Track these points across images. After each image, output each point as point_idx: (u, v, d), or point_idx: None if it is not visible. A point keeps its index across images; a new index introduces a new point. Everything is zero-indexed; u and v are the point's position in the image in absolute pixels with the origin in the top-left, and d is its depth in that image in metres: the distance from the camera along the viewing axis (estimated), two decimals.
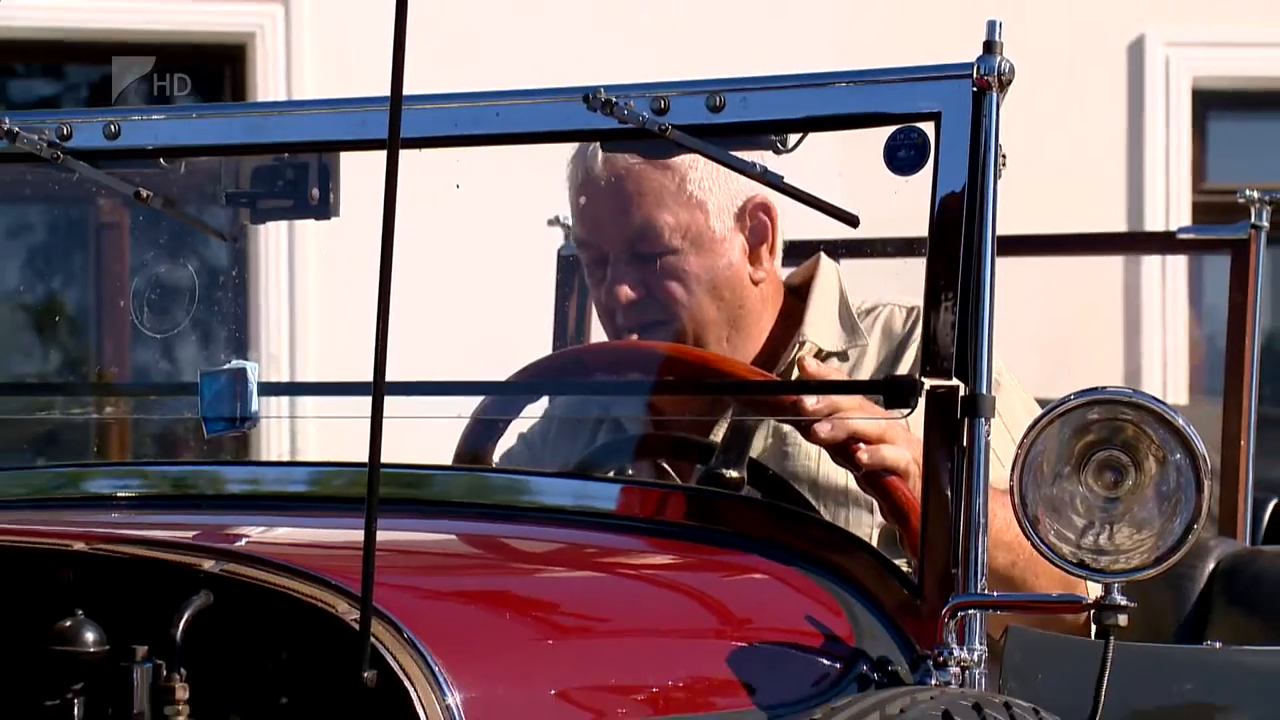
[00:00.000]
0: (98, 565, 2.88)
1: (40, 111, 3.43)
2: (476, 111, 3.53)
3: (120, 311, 5.79)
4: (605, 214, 3.97)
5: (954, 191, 3.28)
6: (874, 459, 3.49)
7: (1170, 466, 3.06)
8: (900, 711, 2.71)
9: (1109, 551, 3.08)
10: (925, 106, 3.33)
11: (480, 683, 2.73)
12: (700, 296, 3.94)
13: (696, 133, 3.47)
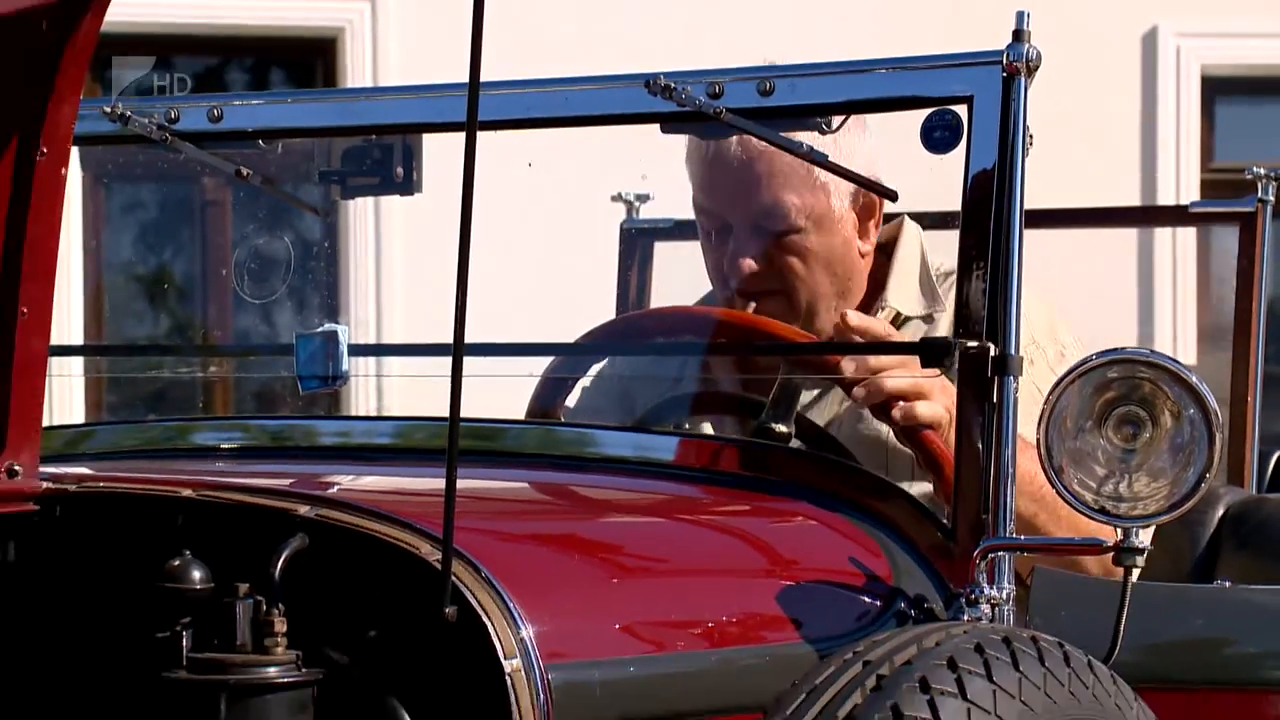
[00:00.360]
0: (204, 510, 2.86)
1: (150, 98, 3.41)
2: (547, 96, 3.52)
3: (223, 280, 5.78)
4: (735, 190, 3.93)
5: (985, 169, 3.26)
6: (908, 415, 3.47)
7: (1184, 421, 3.04)
8: (936, 645, 2.69)
9: (1127, 499, 3.05)
10: (959, 90, 3.31)
11: (551, 617, 2.71)
12: (817, 271, 3.93)
13: (748, 115, 3.46)
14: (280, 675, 2.61)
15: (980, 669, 2.65)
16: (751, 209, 3.92)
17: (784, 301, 3.92)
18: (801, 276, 3.92)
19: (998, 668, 2.67)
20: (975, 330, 3.23)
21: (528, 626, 2.65)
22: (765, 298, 3.93)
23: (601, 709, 2.73)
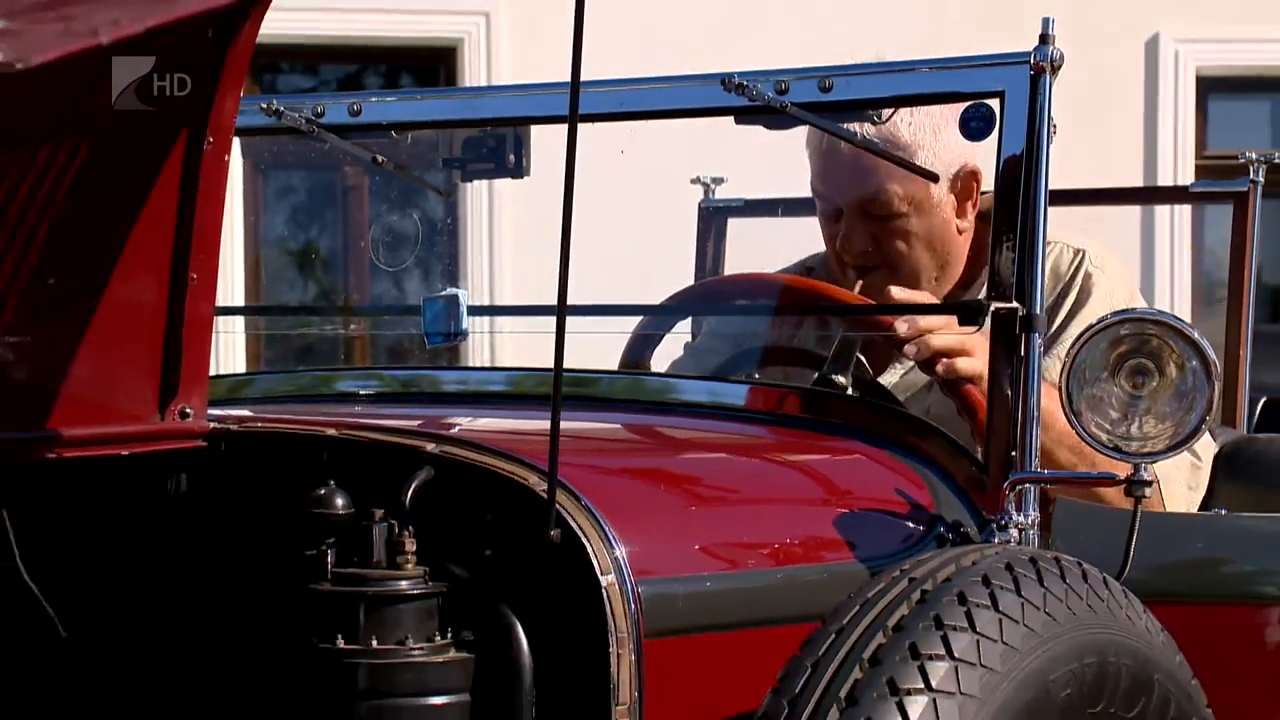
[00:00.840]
0: (345, 447, 2.89)
1: (299, 95, 3.44)
2: (638, 93, 3.53)
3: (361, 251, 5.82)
4: (846, 178, 3.93)
5: (1014, 154, 3.26)
6: (950, 369, 3.47)
7: (1187, 371, 3.05)
8: (972, 564, 2.69)
9: (1137, 438, 3.06)
10: (992, 86, 3.31)
11: (640, 539, 2.73)
12: (918, 250, 3.92)
13: (810, 109, 3.47)
14: (410, 588, 2.64)
15: (1010, 585, 2.66)
16: (859, 196, 3.91)
17: (889, 276, 3.90)
18: (904, 255, 3.92)
19: (1025, 584, 2.68)
20: (1005, 293, 3.23)
21: (620, 547, 2.69)
22: (871, 273, 3.93)
23: (682, 618, 2.75)
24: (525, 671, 2.67)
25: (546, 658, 2.68)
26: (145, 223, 2.69)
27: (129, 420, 2.77)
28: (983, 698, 2.56)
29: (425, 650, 2.64)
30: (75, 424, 2.72)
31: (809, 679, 2.56)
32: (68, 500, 2.88)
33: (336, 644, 2.61)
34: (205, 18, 2.48)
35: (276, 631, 2.71)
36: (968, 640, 2.58)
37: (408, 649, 2.63)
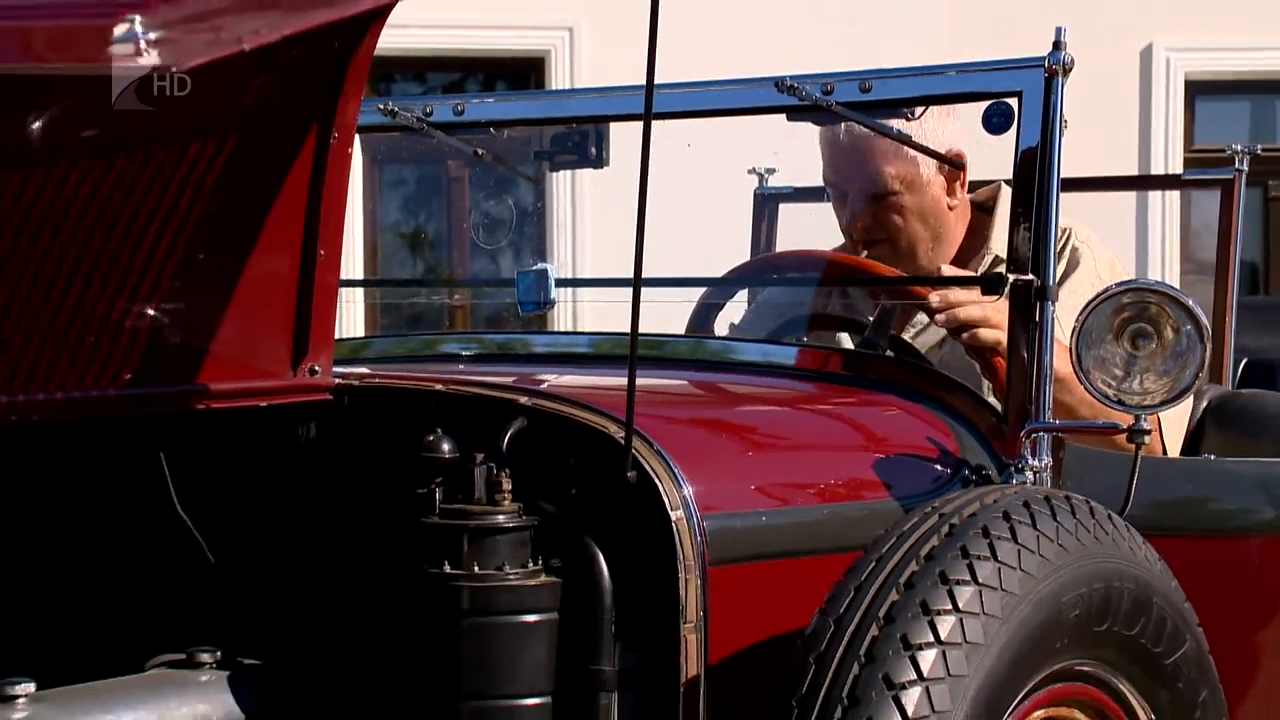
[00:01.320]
0: (451, 400, 2.90)
1: (410, 98, 3.45)
2: (702, 94, 3.53)
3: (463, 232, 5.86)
4: (848, 165, 3.94)
5: (1030, 147, 3.24)
6: (974, 338, 3.47)
7: (1182, 334, 3.03)
8: (994, 501, 2.69)
9: (1138, 393, 3.04)
10: (1011, 87, 3.29)
11: (704, 479, 2.73)
12: (913, 224, 3.92)
13: (852, 107, 3.46)
14: (506, 521, 2.65)
15: (1026, 519, 2.66)
16: (860, 179, 3.92)
17: (889, 247, 3.92)
18: (900, 228, 3.91)
19: (1040, 518, 2.68)
20: (1023, 267, 3.21)
21: (688, 487, 2.69)
22: (875, 245, 3.94)
23: (741, 548, 2.76)
24: (605, 594, 2.67)
25: (623, 583, 2.68)
26: (280, 206, 2.71)
27: (266, 377, 2.79)
28: (1003, 618, 2.56)
29: (519, 575, 2.65)
30: (221, 380, 2.74)
31: (851, 601, 2.56)
32: (214, 445, 2.89)
33: (444, 570, 2.63)
34: (332, 29, 2.49)
35: (391, 560, 2.71)
36: (990, 568, 2.58)
37: (504, 574, 2.63)
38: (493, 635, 2.63)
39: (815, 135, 3.94)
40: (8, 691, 2.42)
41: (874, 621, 2.52)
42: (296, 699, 2.71)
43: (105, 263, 2.52)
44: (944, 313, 3.50)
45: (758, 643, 2.73)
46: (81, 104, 2.33)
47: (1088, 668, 2.80)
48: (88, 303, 2.54)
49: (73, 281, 2.50)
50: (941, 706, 2.47)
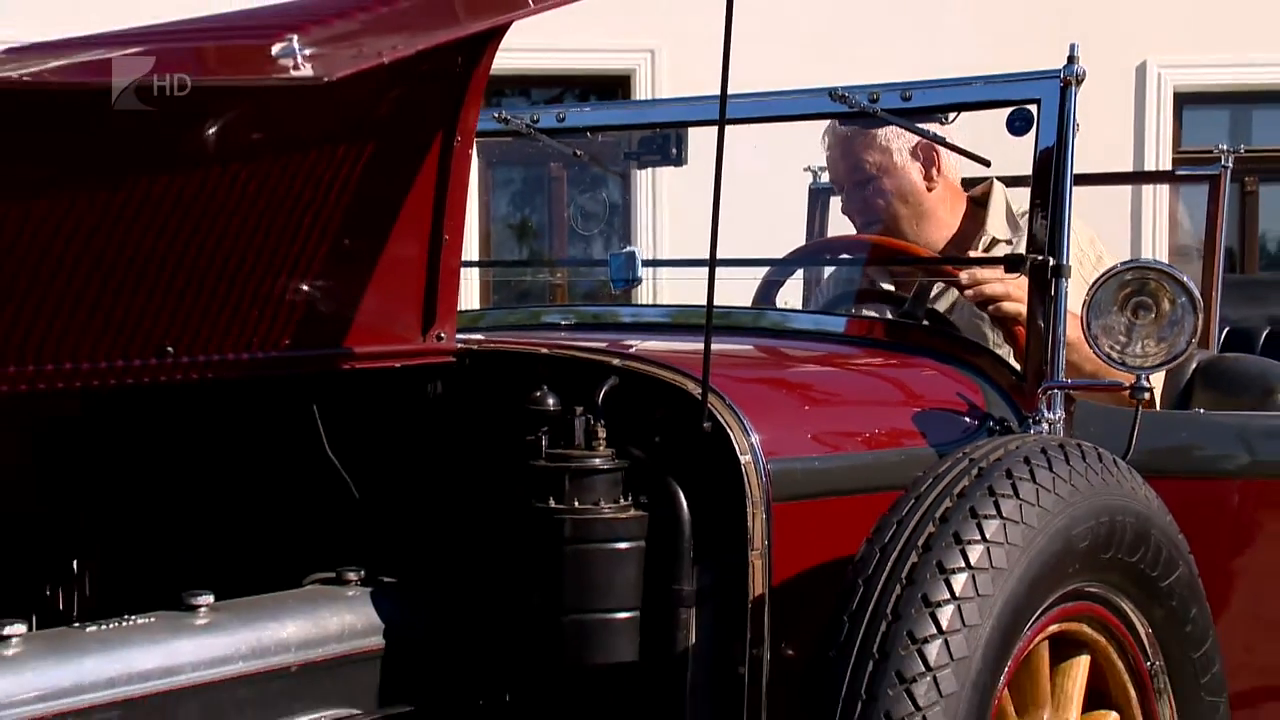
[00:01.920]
0: (554, 362, 2.89)
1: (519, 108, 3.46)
2: (766, 103, 3.50)
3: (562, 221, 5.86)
4: (839, 162, 3.96)
5: (1048, 147, 3.21)
6: (998, 309, 3.47)
7: (1177, 306, 3.00)
8: (1015, 448, 2.67)
9: (1139, 355, 3.02)
10: (1031, 95, 3.25)
11: (768, 429, 2.72)
12: (895, 204, 3.92)
13: (895, 113, 3.43)
14: (602, 464, 2.65)
15: (1043, 463, 2.64)
16: (849, 169, 3.93)
17: (880, 227, 3.92)
18: (884, 208, 3.92)
19: (1055, 462, 2.66)
20: (1040, 249, 3.19)
21: (754, 435, 2.68)
22: (869, 227, 3.95)
23: (799, 487, 2.74)
24: (685, 526, 2.66)
25: (699, 516, 2.67)
26: (412, 199, 2.72)
27: (400, 342, 2.80)
28: (1023, 546, 2.55)
29: (612, 509, 2.64)
30: (363, 345, 2.76)
31: (894, 532, 2.55)
32: (358, 400, 2.90)
33: (549, 505, 2.63)
34: (456, 46, 2.50)
35: (504, 496, 2.71)
36: (1012, 504, 2.57)
37: (600, 509, 2.63)
38: (590, 560, 2.63)
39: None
40: (191, 601, 2.47)
41: (913, 550, 2.51)
42: (426, 611, 2.72)
43: (269, 247, 2.54)
44: (973, 289, 3.49)
45: (813, 567, 2.72)
46: (248, 111, 2.34)
47: (1095, 589, 2.78)
48: (254, 281, 2.55)
49: (243, 263, 2.51)
50: (971, 621, 2.46)
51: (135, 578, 2.63)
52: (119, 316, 2.41)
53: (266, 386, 2.80)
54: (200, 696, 2.40)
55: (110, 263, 2.34)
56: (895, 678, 2.42)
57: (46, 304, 2.31)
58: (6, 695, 2.19)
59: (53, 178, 2.22)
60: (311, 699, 2.54)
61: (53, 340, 2.35)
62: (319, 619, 2.58)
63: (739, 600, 2.65)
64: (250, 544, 2.79)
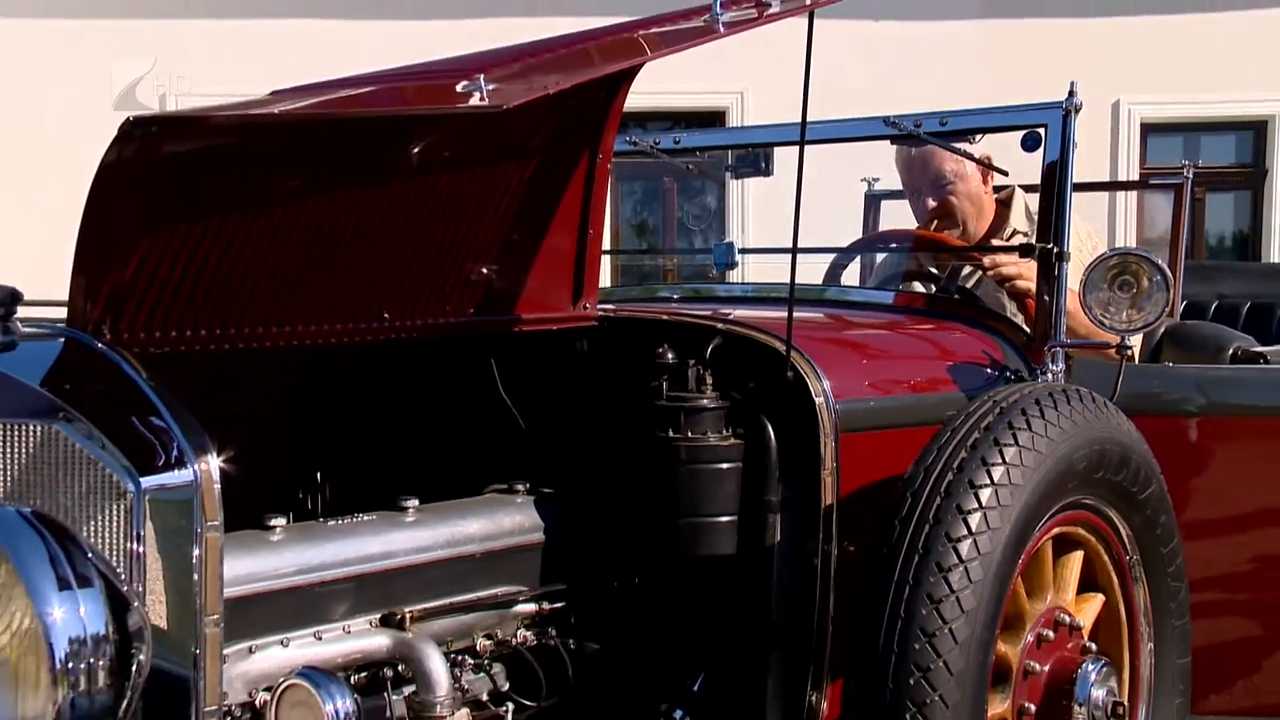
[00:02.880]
0: (671, 326, 2.86)
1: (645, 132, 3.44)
2: (834, 127, 3.44)
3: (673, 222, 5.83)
4: (922, 170, 3.84)
5: (1053, 161, 3.14)
6: (1014, 287, 3.41)
7: (1154, 283, 2.94)
8: (1028, 392, 2.63)
9: (1124, 321, 2.96)
10: (1040, 120, 3.18)
11: (836, 378, 2.68)
12: (964, 203, 3.81)
13: (934, 135, 3.37)
14: (709, 404, 2.63)
15: (1050, 404, 2.60)
16: (930, 177, 3.82)
17: (950, 220, 3.82)
18: (955, 205, 3.81)
19: (1059, 403, 2.62)
20: (1046, 239, 3.13)
21: (825, 382, 2.65)
22: (941, 219, 3.84)
23: (860, 422, 2.70)
24: (772, 452, 2.64)
25: (783, 444, 2.65)
26: (565, 202, 2.72)
27: (556, 310, 2.80)
28: (1034, 468, 2.52)
29: (717, 439, 2.62)
30: (528, 311, 2.76)
31: (935, 457, 2.51)
32: (525, 353, 2.89)
33: (668, 435, 2.61)
34: (599, 83, 2.49)
35: (634, 428, 2.69)
36: (1027, 435, 2.53)
37: (707, 438, 2.61)
38: (699, 477, 2.61)
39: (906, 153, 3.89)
40: (402, 504, 2.50)
41: (950, 470, 2.48)
42: (575, 515, 2.72)
43: (458, 238, 2.55)
44: (993, 270, 3.45)
45: (870, 484, 2.69)
46: (447, 133, 2.35)
47: (1089, 501, 2.74)
48: (447, 263, 2.57)
49: (440, 250, 2.53)
50: (994, 525, 2.44)
51: (362, 486, 2.64)
52: (350, 291, 2.43)
53: (457, 345, 2.81)
54: (409, 574, 2.42)
55: (348, 251, 2.37)
56: (935, 568, 2.40)
57: (309, 282, 2.34)
58: (272, 568, 2.23)
59: (315, 186, 2.25)
60: (490, 579, 2.55)
61: (310, 308, 2.37)
62: (495, 519, 2.59)
63: (813, 508, 2.63)
64: (445, 463, 2.80)
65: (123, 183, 1.94)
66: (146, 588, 1.91)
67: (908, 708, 2.36)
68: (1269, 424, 3.33)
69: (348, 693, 1.70)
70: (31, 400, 1.95)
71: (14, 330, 1.99)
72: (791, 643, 2.65)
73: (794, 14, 2.54)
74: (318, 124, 2.16)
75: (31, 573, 1.70)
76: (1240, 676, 3.27)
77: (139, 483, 1.89)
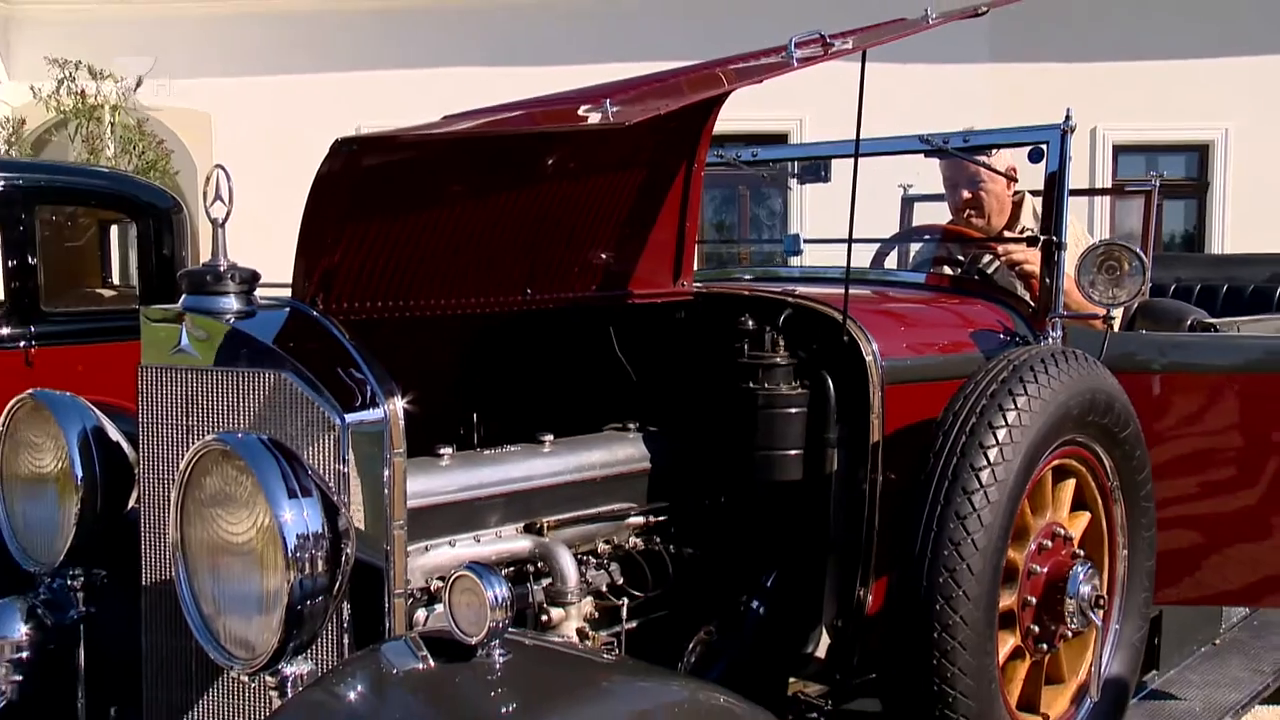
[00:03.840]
0: (750, 300, 2.79)
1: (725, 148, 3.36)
2: (877, 142, 3.33)
3: (745, 220, 5.76)
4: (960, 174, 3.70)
5: (1053, 171, 3.03)
6: (1023, 270, 3.30)
7: (1132, 268, 2.86)
8: (1034, 353, 2.56)
9: (1109, 297, 2.88)
10: (1043, 138, 3.07)
11: (881, 340, 2.62)
12: (990, 200, 3.68)
13: (960, 150, 3.29)
14: (781, 361, 2.58)
15: (1052, 362, 2.53)
16: (968, 177, 3.68)
17: (979, 213, 3.70)
18: (985, 201, 3.69)
19: (1059, 361, 2.55)
20: (1048, 232, 3.03)
21: (873, 344, 2.59)
22: (973, 213, 3.72)
23: (901, 376, 2.64)
24: (830, 399, 2.59)
25: (840, 394, 2.60)
26: (668, 200, 2.68)
27: (660, 286, 2.75)
28: (1039, 412, 2.47)
29: (787, 389, 2.58)
30: (639, 288, 2.72)
31: (961, 403, 2.45)
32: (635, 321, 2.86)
33: (749, 386, 2.58)
34: (696, 106, 2.44)
35: (722, 380, 2.65)
36: (1034, 387, 2.47)
37: (780, 389, 2.57)
38: (773, 418, 2.57)
39: (938, 166, 3.76)
40: (540, 438, 2.47)
41: (973, 414, 2.42)
42: (675, 448, 2.68)
43: (584, 228, 2.52)
44: (1006, 257, 3.35)
45: (908, 425, 2.62)
46: (575, 147, 2.33)
47: (1080, 439, 2.66)
48: (575, 249, 2.54)
49: (569, 238, 2.50)
50: (1008, 457, 2.39)
51: (510, 424, 2.64)
52: (502, 272, 2.42)
53: (583, 314, 2.78)
54: (546, 493, 2.40)
55: (500, 240, 2.35)
56: (961, 491, 2.35)
57: (470, 265, 2.32)
58: (442, 486, 2.23)
59: (476, 190, 2.24)
60: (608, 497, 2.52)
61: (471, 285, 2.36)
62: (613, 450, 2.56)
63: (863, 444, 2.58)
64: (573, 406, 2.78)
65: (332, 188, 1.96)
66: (350, 499, 1.93)
67: (938, 599, 2.32)
68: (1216, 380, 3.24)
69: (504, 582, 1.69)
70: (266, 355, 1.97)
71: (254, 302, 2.04)
72: (845, 549, 2.61)
73: (852, 52, 2.47)
74: (479, 140, 2.15)
75: (269, 483, 1.74)
76: (1187, 574, 3.20)
77: (344, 419, 1.91)
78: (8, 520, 2.29)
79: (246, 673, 1.81)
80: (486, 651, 1.67)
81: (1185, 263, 5.27)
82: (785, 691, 2.62)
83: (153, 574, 2.08)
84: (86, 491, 2.20)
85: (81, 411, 2.25)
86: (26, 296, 5.22)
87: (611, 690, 1.71)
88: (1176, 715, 3.21)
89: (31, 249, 5.23)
